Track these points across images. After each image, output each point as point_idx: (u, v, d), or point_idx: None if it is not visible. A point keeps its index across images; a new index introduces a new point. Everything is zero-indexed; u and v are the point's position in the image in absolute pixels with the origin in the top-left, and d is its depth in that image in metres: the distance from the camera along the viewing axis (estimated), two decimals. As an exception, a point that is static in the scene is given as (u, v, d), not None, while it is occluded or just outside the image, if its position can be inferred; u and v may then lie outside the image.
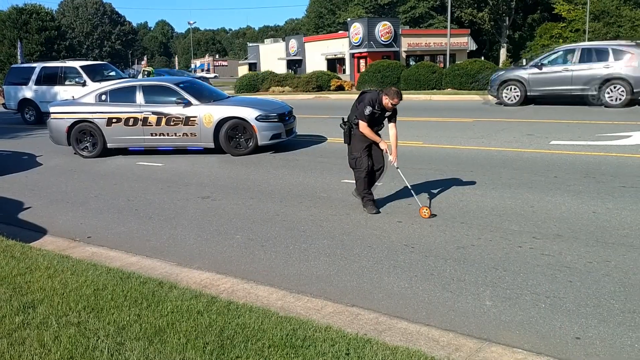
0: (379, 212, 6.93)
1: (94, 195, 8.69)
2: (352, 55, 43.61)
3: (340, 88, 31.13)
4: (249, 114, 11.23)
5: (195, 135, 11.40)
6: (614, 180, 7.89)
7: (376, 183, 7.25)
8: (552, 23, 62.00)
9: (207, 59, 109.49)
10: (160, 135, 11.53)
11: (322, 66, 44.08)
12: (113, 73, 20.68)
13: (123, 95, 11.91)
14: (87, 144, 12.03)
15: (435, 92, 24.96)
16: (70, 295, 4.52)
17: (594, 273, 4.84)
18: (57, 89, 19.22)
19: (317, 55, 47.41)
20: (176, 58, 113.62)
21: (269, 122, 11.32)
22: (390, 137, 6.88)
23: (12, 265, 5.24)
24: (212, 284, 4.88)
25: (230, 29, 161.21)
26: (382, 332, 3.88)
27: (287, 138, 11.78)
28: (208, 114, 11.28)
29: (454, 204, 7.13)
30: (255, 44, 65.63)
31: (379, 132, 6.96)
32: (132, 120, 11.54)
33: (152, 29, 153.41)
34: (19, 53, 32.76)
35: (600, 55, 17.35)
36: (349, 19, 49.73)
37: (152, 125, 11.47)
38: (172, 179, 9.57)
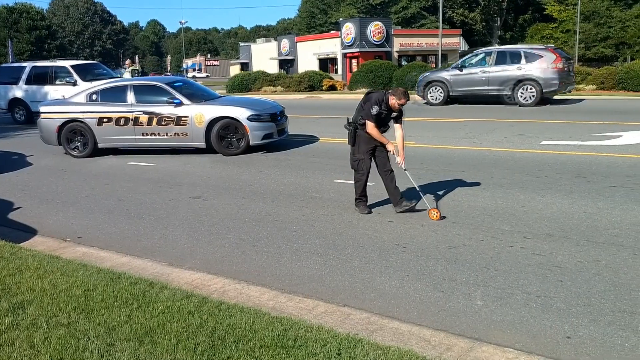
0: (370, 212, 6.92)
1: (85, 195, 8.65)
2: (344, 55, 43.63)
3: (332, 88, 31.14)
4: (241, 113, 11.21)
5: (187, 135, 11.37)
6: (605, 180, 7.94)
7: (368, 183, 7.19)
8: (543, 24, 62.30)
9: (199, 58, 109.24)
10: (151, 135, 11.48)
11: (314, 66, 44.08)
12: (104, 72, 20.58)
13: (114, 95, 11.86)
14: (78, 144, 11.97)
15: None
16: (60, 296, 4.49)
17: (585, 272, 4.86)
18: (47, 88, 19.10)
19: (309, 55, 47.41)
20: (168, 58, 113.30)
21: (261, 122, 11.30)
22: (396, 138, 6.81)
23: (2, 265, 5.20)
24: (203, 284, 4.86)
25: (222, 29, 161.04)
26: (374, 332, 3.88)
27: (279, 138, 11.76)
28: (199, 113, 11.25)
29: (445, 204, 7.14)
30: (247, 44, 65.55)
31: (384, 133, 6.89)
32: (123, 120, 11.49)
33: (143, 28, 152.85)
34: (9, 52, 32.59)
35: (514, 58, 18.77)
36: (341, 19, 49.76)
37: (143, 125, 11.42)
38: (163, 179, 9.54)
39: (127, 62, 28.42)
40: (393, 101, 6.57)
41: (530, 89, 18.01)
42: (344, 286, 4.85)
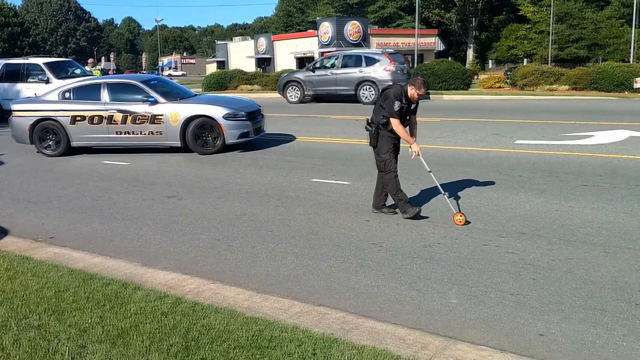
0: (420, 211, 6.50)
1: (57, 195, 8.51)
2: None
3: (309, 87, 31.04)
4: (217, 112, 11.14)
5: (162, 134, 11.26)
6: (577, 179, 8.05)
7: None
8: (517, 24, 63.00)
9: (175, 56, 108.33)
10: (125, 134, 11.35)
11: (292, 65, 44.06)
12: (78, 70, 20.27)
13: (88, 93, 11.68)
14: (51, 142, 11.78)
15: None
16: (31, 297, 4.41)
17: (557, 270, 4.92)
18: (19, 86, 18.73)
19: (286, 53, 47.37)
20: (143, 56, 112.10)
21: (237, 121, 11.24)
22: (409, 128, 6.69)
23: (-30, 267, 5.09)
24: (177, 284, 4.81)
25: (198, 27, 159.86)
26: (349, 331, 3.88)
27: (255, 137, 11.71)
28: (175, 112, 11.15)
29: (420, 203, 7.17)
30: (223, 42, 65.23)
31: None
32: (97, 118, 11.33)
33: (118, 25, 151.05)
34: (-20, 49, 31.91)
35: (357, 61, 21.45)
36: (318, 18, 49.81)
37: (117, 124, 11.28)
38: (137, 178, 9.43)
39: (90, 60, 27.23)
40: (412, 91, 6.33)
41: (369, 88, 20.63)
42: (320, 286, 4.84)
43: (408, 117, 6.59)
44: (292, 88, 22.70)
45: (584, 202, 6.96)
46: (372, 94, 20.19)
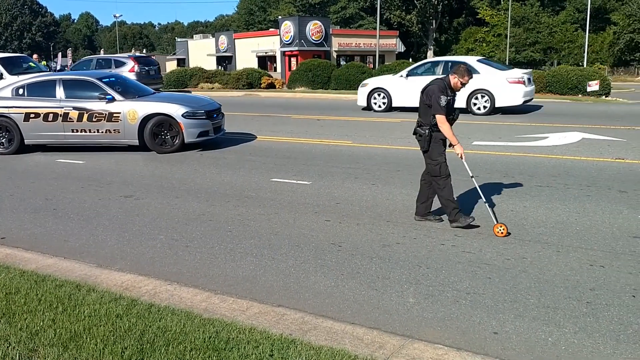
0: (473, 220, 6.12)
1: (9, 194, 8.26)
2: (283, 54, 43.59)
3: (271, 86, 30.99)
4: (176, 110, 10.99)
5: (119, 132, 11.05)
6: (531, 180, 8.23)
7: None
8: (476, 27, 64.18)
9: (134, 53, 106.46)
10: (81, 132, 11.10)
11: (253, 63, 43.80)
12: (33, 66, 19.76)
13: (42, 90, 11.39)
14: (3, 140, 11.44)
15: (364, 92, 25.21)
16: (-21, 300, 4.26)
17: (512, 269, 5.02)
18: (-30, 81, 18.14)
19: (247, 52, 47.08)
20: (102, 52, 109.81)
21: (196, 119, 11.12)
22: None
23: None
24: (133, 285, 4.73)
25: (158, 24, 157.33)
26: (307, 332, 3.88)
27: (215, 136, 11.61)
28: (132, 110, 10.96)
29: (380, 203, 7.23)
30: (184, 40, 64.39)
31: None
32: (51, 115, 11.05)
33: (75, 21, 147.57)
34: None
35: (108, 64, 23.61)
36: (279, 17, 49.69)
37: (73, 121, 11.02)
38: (93, 177, 9.23)
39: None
40: (455, 80, 6.01)
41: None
42: (279, 286, 4.82)
43: (453, 113, 6.20)
44: None
45: (538, 202, 7.12)
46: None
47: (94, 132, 11.06)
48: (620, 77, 55.39)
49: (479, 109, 16.47)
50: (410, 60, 42.27)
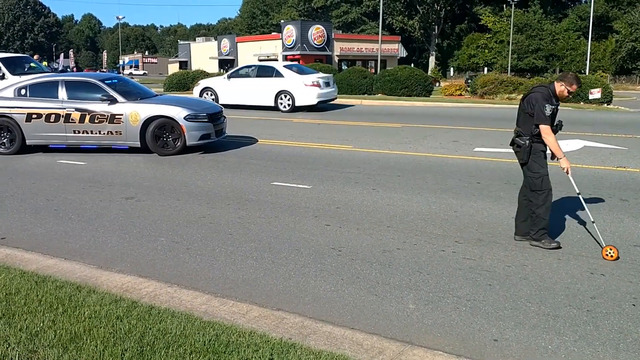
0: (558, 245, 5.72)
1: (10, 195, 8.27)
2: (285, 57, 43.65)
3: (272, 90, 30.94)
4: (178, 113, 11.00)
5: (121, 134, 11.06)
6: (533, 187, 8.22)
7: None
8: (478, 34, 64.27)
9: (137, 55, 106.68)
10: (83, 133, 11.11)
11: (255, 67, 43.83)
12: (35, 66, 19.78)
13: (44, 90, 11.40)
14: (4, 140, 11.44)
15: (366, 97, 25.30)
16: (-21, 300, 4.26)
17: (512, 277, 5.02)
18: (-28, 81, 18.16)
19: (249, 55, 47.18)
20: (104, 54, 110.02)
21: (198, 122, 11.13)
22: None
23: None
24: (133, 287, 4.73)
25: (160, 26, 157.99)
26: (307, 336, 3.88)
27: (216, 139, 11.62)
28: (134, 112, 10.97)
29: (380, 208, 7.23)
30: (186, 42, 64.56)
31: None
32: (53, 116, 11.06)
33: (78, 22, 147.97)
34: None
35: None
36: (282, 21, 49.79)
37: (75, 122, 11.03)
38: (95, 179, 9.24)
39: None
40: (562, 88, 5.59)
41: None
42: (279, 290, 4.82)
43: (557, 123, 5.73)
44: None
45: (539, 209, 7.10)
46: None
47: (96, 133, 11.07)
48: (622, 85, 55.51)
49: (284, 107, 19.18)
50: (412, 65, 42.33)
